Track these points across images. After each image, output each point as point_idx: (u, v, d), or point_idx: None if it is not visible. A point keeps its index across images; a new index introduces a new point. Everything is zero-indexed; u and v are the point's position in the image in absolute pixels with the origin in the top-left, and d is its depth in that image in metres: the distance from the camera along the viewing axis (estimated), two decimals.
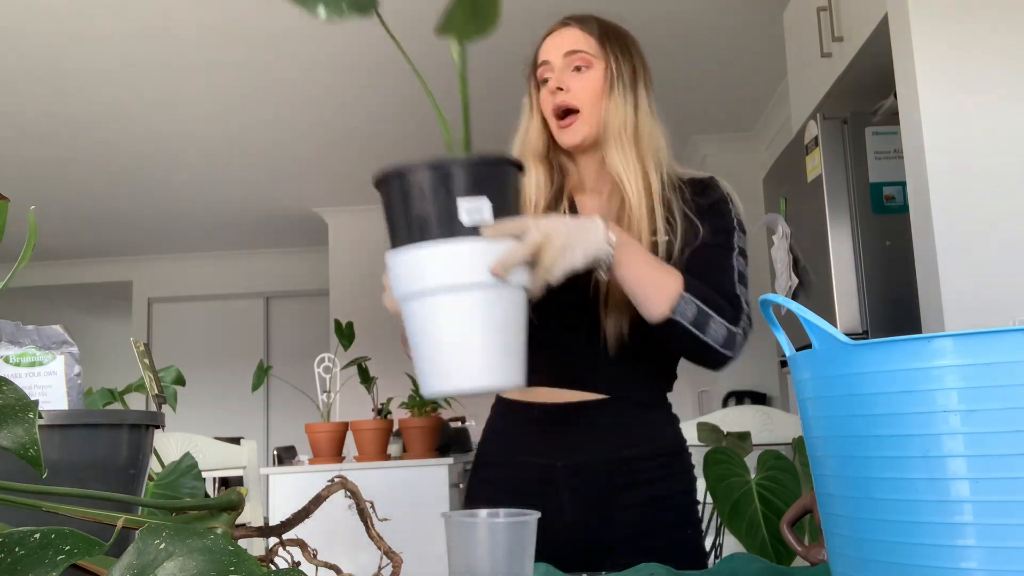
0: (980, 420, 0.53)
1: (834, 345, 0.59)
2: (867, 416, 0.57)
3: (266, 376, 3.39)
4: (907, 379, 0.55)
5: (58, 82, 3.90)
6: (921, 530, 0.55)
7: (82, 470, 0.68)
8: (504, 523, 0.79)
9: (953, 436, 0.54)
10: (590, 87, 1.30)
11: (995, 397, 0.53)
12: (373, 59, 3.81)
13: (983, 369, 0.53)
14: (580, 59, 1.31)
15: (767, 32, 3.52)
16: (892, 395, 0.56)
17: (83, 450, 0.69)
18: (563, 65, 1.31)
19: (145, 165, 5.05)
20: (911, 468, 0.55)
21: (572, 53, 1.31)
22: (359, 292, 5.99)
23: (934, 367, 0.54)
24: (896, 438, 0.56)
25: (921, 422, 0.55)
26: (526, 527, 0.80)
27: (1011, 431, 0.52)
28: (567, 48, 1.31)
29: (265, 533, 0.72)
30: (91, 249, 6.91)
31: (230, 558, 0.40)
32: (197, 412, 6.03)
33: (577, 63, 1.31)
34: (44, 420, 0.65)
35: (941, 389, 0.54)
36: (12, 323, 0.81)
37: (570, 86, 1.30)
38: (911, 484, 0.55)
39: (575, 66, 1.31)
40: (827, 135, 2.39)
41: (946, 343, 0.54)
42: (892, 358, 0.56)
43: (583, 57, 1.31)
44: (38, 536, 0.42)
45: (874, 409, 0.57)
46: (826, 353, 0.60)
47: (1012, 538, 0.52)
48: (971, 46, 1.95)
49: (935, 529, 0.54)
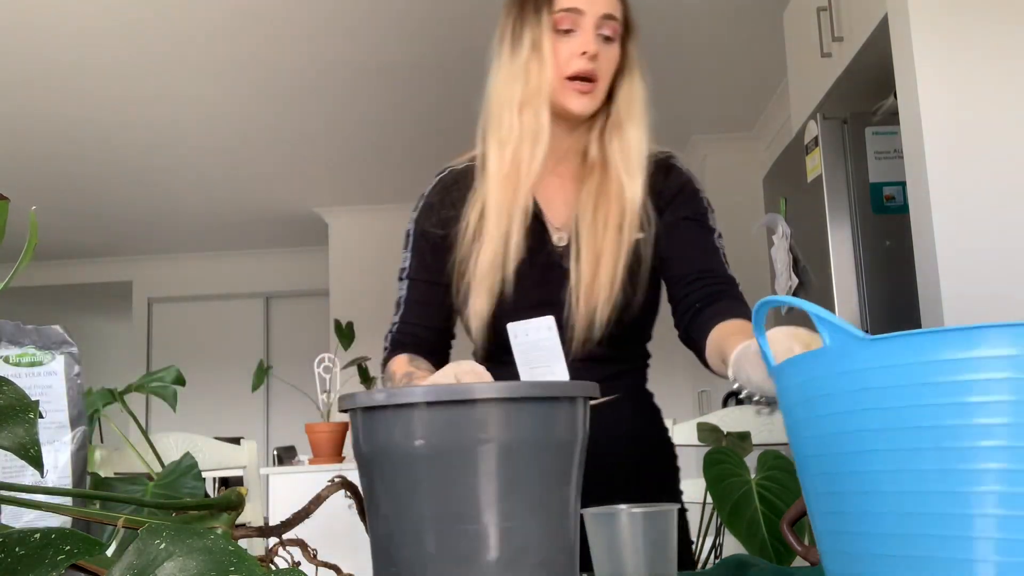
0: (996, 410, 0.54)
1: (848, 340, 0.60)
2: (878, 410, 0.58)
3: (266, 376, 3.40)
4: (923, 372, 0.56)
5: (58, 82, 3.90)
6: (933, 521, 0.55)
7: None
8: (642, 514, 0.80)
9: (970, 427, 0.54)
10: (612, 60, 1.22)
11: (1008, 389, 0.54)
12: (374, 60, 3.81)
13: (1002, 361, 0.54)
14: (611, 28, 1.21)
15: (767, 32, 3.52)
16: (906, 388, 0.57)
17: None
18: (594, 26, 1.19)
19: (145, 165, 5.05)
20: (924, 460, 0.56)
21: (608, 18, 1.20)
22: (359, 292, 5.99)
23: (949, 359, 0.55)
24: (909, 430, 0.56)
25: (935, 414, 0.55)
26: (668, 517, 0.81)
27: None
28: (604, 11, 1.20)
29: (265, 533, 0.72)
30: (91, 249, 6.90)
31: (230, 558, 0.40)
32: (197, 412, 6.03)
33: (608, 32, 1.21)
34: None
35: (957, 381, 0.55)
36: (12, 323, 0.81)
37: (599, 55, 1.20)
38: (923, 475, 0.56)
39: (605, 35, 1.21)
40: (827, 135, 2.39)
41: (960, 336, 0.55)
42: (907, 351, 0.57)
43: (614, 27, 1.21)
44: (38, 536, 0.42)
45: (886, 403, 0.57)
46: (839, 349, 0.61)
47: None
48: (971, 46, 1.95)
49: (947, 520, 0.55)
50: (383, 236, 6.11)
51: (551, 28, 1.20)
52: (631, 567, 0.78)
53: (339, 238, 6.18)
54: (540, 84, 1.20)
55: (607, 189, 1.25)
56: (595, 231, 1.24)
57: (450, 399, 0.64)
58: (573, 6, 1.19)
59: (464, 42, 3.67)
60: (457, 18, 3.46)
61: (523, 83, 1.21)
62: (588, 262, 1.22)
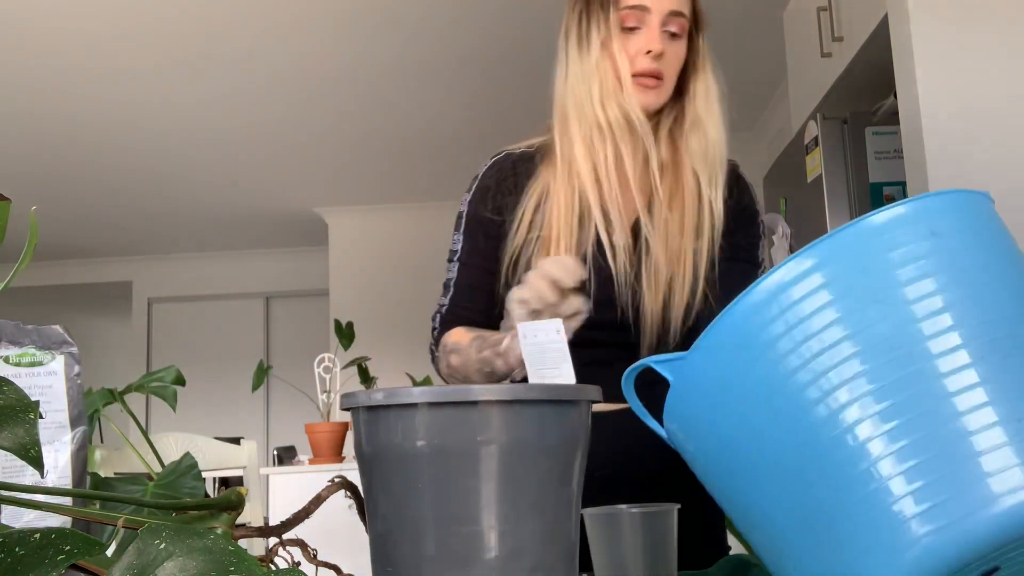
0: (825, 338, 0.57)
1: (679, 367, 0.65)
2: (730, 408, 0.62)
3: (266, 376, 3.40)
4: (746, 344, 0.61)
5: (58, 82, 3.90)
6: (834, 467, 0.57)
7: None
8: (641, 514, 0.80)
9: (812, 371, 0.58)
10: (679, 57, 1.19)
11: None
12: (374, 60, 3.80)
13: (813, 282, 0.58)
14: (678, 24, 1.17)
15: (767, 32, 3.52)
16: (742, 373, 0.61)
17: None
18: (660, 23, 1.16)
19: (145, 165, 5.05)
20: (797, 429, 0.58)
21: (675, 15, 1.17)
22: (359, 292, 5.99)
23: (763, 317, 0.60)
24: (768, 409, 0.59)
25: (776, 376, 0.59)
26: (668, 517, 0.81)
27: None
28: (671, 7, 1.16)
29: (265, 533, 0.72)
30: (91, 249, 6.90)
31: (230, 558, 0.40)
32: (197, 412, 6.04)
33: (674, 28, 1.17)
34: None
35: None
36: (12, 323, 0.81)
37: (665, 53, 1.16)
38: (803, 444, 0.58)
39: (672, 31, 1.17)
40: (827, 135, 2.39)
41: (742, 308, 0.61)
42: (721, 342, 0.62)
43: (681, 23, 1.17)
44: (38, 536, 0.42)
45: (740, 398, 0.61)
46: (678, 380, 0.66)
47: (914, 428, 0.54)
48: (971, 46, 1.95)
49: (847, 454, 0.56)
50: (383, 236, 6.11)
51: (617, 25, 1.17)
52: (631, 567, 0.78)
53: (339, 238, 6.18)
54: (615, 84, 1.17)
55: (681, 193, 1.20)
56: (667, 238, 1.19)
57: (452, 400, 0.64)
58: (639, 3, 1.16)
59: (465, 43, 3.66)
60: (457, 18, 3.46)
61: (598, 83, 1.17)
62: (661, 272, 1.18)
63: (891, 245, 0.57)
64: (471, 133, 4.75)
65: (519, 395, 0.65)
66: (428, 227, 6.07)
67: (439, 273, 1.34)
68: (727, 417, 0.61)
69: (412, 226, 6.09)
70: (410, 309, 5.98)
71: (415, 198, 5.98)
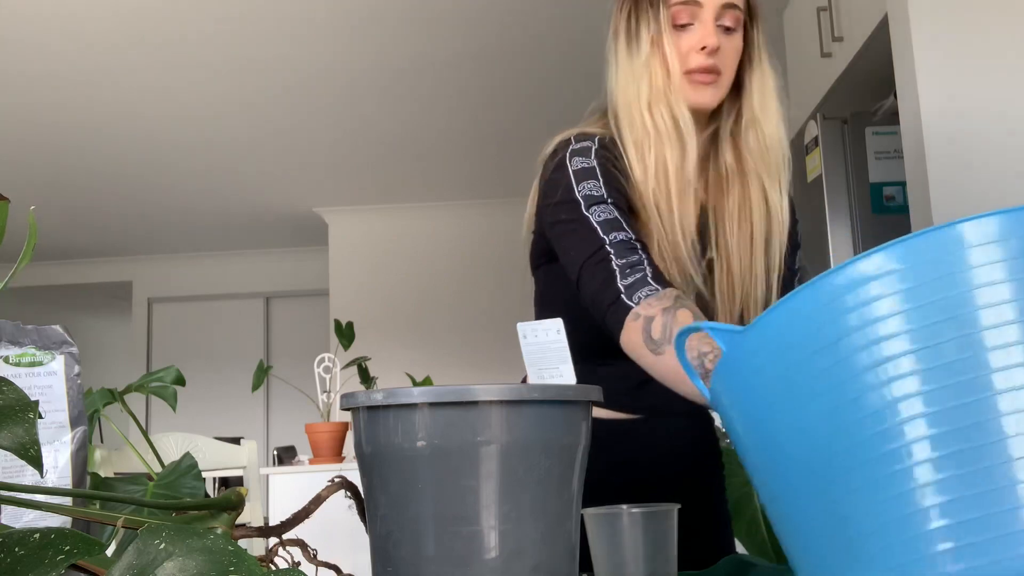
0: (879, 351, 0.55)
1: (733, 337, 0.62)
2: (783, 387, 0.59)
3: (266, 376, 3.39)
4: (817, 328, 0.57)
5: (58, 82, 3.90)
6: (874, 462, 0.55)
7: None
8: (642, 513, 0.80)
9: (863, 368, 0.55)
10: (735, 51, 1.13)
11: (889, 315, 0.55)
12: (374, 60, 3.80)
13: (883, 286, 0.55)
14: (732, 18, 1.12)
15: (767, 32, 3.51)
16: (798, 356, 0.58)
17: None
18: (713, 17, 1.11)
19: (145, 165, 5.05)
20: (844, 414, 0.55)
21: (728, 7, 1.11)
22: (359, 292, 5.99)
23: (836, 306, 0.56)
24: (813, 396, 0.57)
25: (840, 371, 0.56)
26: (668, 517, 0.81)
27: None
28: (724, 0, 1.11)
29: (265, 533, 0.72)
30: (91, 249, 6.90)
31: (230, 558, 0.40)
32: (197, 412, 6.04)
33: (729, 22, 1.12)
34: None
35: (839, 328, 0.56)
36: (12, 323, 0.81)
37: (720, 48, 1.11)
38: (848, 430, 0.55)
39: (726, 25, 1.12)
40: (827, 135, 2.39)
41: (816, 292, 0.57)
42: (787, 323, 0.59)
43: (735, 16, 1.12)
44: (38, 536, 0.42)
45: (782, 378, 0.59)
46: (731, 350, 0.63)
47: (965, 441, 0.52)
48: (971, 46, 1.95)
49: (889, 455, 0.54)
50: (383, 236, 6.11)
51: (669, 22, 1.11)
52: (631, 567, 0.78)
53: (339, 238, 6.18)
54: (665, 83, 1.11)
55: (748, 205, 1.15)
56: (740, 251, 1.15)
57: (452, 400, 0.64)
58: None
59: (465, 43, 3.66)
60: (457, 19, 3.46)
61: (647, 83, 1.11)
62: (735, 291, 1.15)
63: (977, 261, 0.53)
64: (471, 134, 4.75)
65: (519, 395, 0.65)
66: (428, 227, 6.08)
67: (439, 273, 1.34)
68: (770, 403, 0.59)
69: (412, 226, 6.10)
70: (410, 309, 5.99)
71: (415, 198, 5.98)
